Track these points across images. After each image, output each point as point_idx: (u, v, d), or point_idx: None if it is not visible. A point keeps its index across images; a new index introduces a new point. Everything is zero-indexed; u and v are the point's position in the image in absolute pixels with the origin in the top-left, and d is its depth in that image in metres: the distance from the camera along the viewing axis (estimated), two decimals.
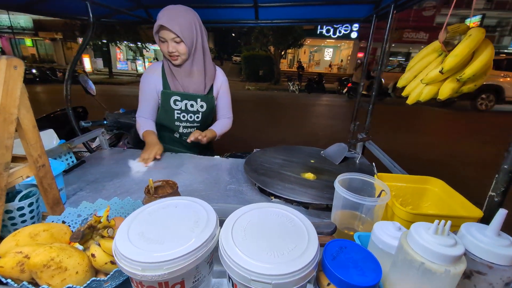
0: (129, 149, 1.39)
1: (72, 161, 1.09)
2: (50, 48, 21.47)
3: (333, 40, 20.54)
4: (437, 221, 0.38)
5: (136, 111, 1.28)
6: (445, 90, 0.71)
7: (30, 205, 0.59)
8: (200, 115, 1.30)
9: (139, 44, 16.18)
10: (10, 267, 0.42)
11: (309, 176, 1.02)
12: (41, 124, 1.87)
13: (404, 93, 0.85)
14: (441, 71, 0.69)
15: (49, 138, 1.04)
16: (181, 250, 0.39)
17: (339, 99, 10.65)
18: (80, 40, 17.33)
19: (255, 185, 0.98)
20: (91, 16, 1.25)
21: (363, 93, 1.57)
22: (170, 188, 0.74)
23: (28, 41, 21.13)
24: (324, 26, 17.04)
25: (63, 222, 0.62)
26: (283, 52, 15.77)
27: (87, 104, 2.90)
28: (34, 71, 12.43)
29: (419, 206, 0.72)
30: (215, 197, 0.91)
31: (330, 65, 22.10)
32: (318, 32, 18.08)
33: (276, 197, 0.91)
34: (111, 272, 0.47)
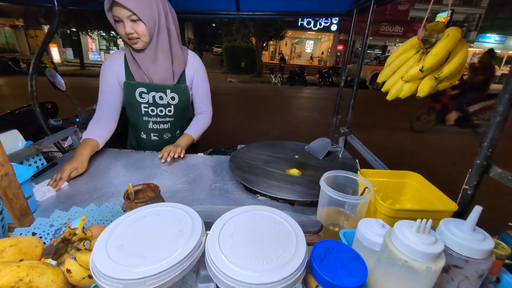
0: (105, 148, 1.31)
1: (42, 164, 1.01)
2: (12, 36, 19.70)
3: (314, 32, 20.69)
4: (419, 220, 0.39)
5: None
6: (424, 87, 0.73)
7: None
8: (172, 109, 1.15)
9: (113, 33, 15.28)
10: None
11: (294, 172, 1.03)
12: (3, 123, 1.72)
13: (383, 89, 0.87)
14: (421, 69, 0.70)
15: (13, 140, 0.95)
16: (166, 263, 0.37)
17: (320, 91, 10.82)
18: (46, 27, 16.06)
19: (241, 183, 0.97)
20: (56, 3, 1.15)
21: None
22: (151, 191, 0.70)
23: None
24: (305, 18, 17.08)
25: (33, 234, 0.57)
26: (264, 44, 15.65)
27: (57, 99, 2.71)
28: None
29: (398, 200, 0.75)
30: (200, 198, 0.89)
31: (311, 57, 22.30)
32: (299, 24, 18.12)
33: (262, 195, 0.90)
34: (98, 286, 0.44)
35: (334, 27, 17.29)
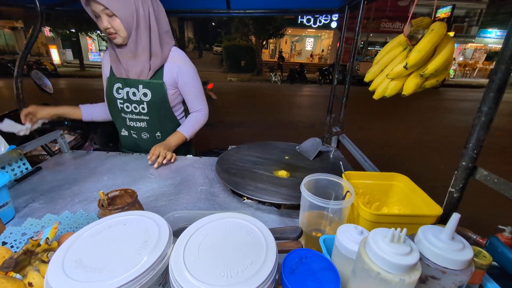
0: (95, 150, 1.30)
1: (26, 168, 0.99)
2: (11, 38, 19.76)
3: (313, 30, 20.59)
4: (393, 228, 0.37)
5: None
6: (409, 85, 0.70)
7: None
8: (145, 106, 1.11)
9: None
10: None
11: (282, 174, 1.00)
12: None
13: (371, 88, 0.84)
14: (405, 67, 0.68)
15: None
16: (123, 278, 0.35)
17: (321, 89, 10.76)
18: (46, 29, 16.07)
19: (228, 186, 0.95)
20: (38, 4, 1.13)
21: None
22: (129, 197, 0.68)
23: None
24: (305, 16, 16.98)
25: (4, 243, 0.56)
26: (264, 42, 15.59)
27: (50, 101, 2.70)
28: None
29: (386, 202, 0.73)
30: (184, 201, 0.87)
31: (311, 55, 22.19)
32: (299, 22, 18.04)
33: (248, 198, 0.88)
34: None
35: (334, 24, 17.19)
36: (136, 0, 0.93)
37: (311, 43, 23.44)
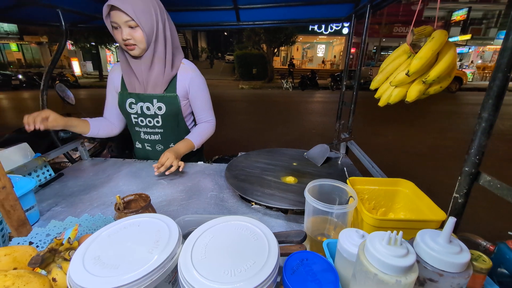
0: (112, 158, 1.37)
1: (50, 175, 1.07)
2: (37, 52, 21.11)
3: (325, 37, 20.63)
4: (389, 231, 0.39)
5: None
6: (412, 92, 0.71)
7: None
8: (160, 119, 1.13)
9: None
10: None
11: (290, 180, 1.02)
12: (20, 137, 1.83)
13: (376, 95, 0.85)
14: (407, 74, 0.69)
15: (23, 153, 1.02)
16: (135, 274, 0.38)
17: (333, 95, 10.70)
18: (68, 43, 17.04)
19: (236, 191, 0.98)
20: (63, 23, 1.23)
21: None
22: (143, 201, 0.73)
23: (13, 46, 20.73)
24: (315, 24, 17.08)
25: (30, 243, 0.61)
26: (275, 50, 15.77)
27: (71, 112, 2.86)
28: (20, 76, 12.19)
29: (392, 208, 0.73)
30: (194, 206, 0.91)
31: (323, 61, 22.18)
32: (310, 29, 18.16)
33: (256, 203, 0.91)
34: None
35: (345, 30, 17.17)
36: (157, 14, 0.96)
37: (323, 49, 23.46)
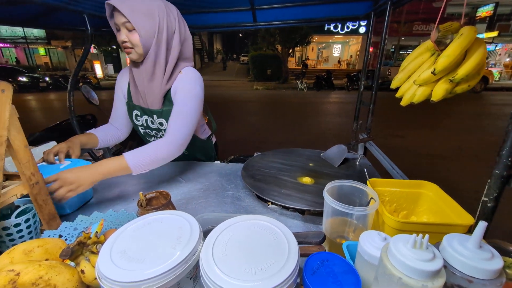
0: None
1: None
2: (62, 56, 22.27)
3: (341, 36, 20.27)
4: (415, 234, 0.37)
5: None
6: (438, 91, 0.68)
7: (26, 221, 0.61)
8: (164, 133, 1.07)
9: None
10: (2, 285, 0.44)
11: (307, 180, 1.01)
12: (49, 135, 1.95)
13: (397, 95, 0.83)
14: (433, 72, 0.66)
15: None
16: (160, 269, 0.40)
17: (349, 95, 10.49)
18: (92, 47, 17.83)
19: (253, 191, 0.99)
20: (89, 28, 1.29)
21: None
22: (163, 198, 0.75)
23: (41, 50, 22.00)
24: (332, 23, 16.83)
25: (60, 236, 0.64)
26: (290, 51, 15.69)
27: (95, 111, 2.99)
28: (47, 79, 12.89)
29: (414, 211, 0.71)
30: (212, 205, 0.92)
31: (339, 61, 21.80)
32: (326, 29, 17.91)
33: (273, 203, 0.91)
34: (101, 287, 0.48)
35: (362, 29, 16.78)
36: (162, 20, 0.88)
37: (339, 49, 23.06)
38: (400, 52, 17.93)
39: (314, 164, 1.16)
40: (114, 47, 16.21)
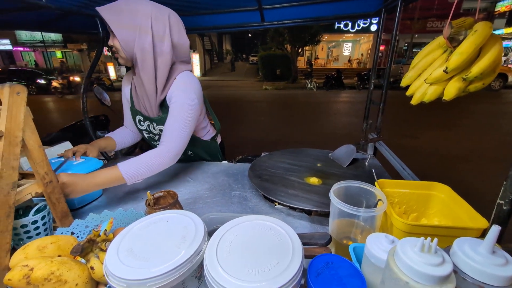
0: None
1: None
2: (78, 58, 23.01)
3: (351, 35, 19.95)
4: (423, 238, 0.36)
5: None
6: (451, 90, 0.66)
7: (43, 218, 0.64)
8: None
9: None
10: (17, 279, 0.46)
11: (314, 181, 1.00)
12: (64, 135, 2.01)
13: (408, 93, 0.81)
14: (445, 70, 0.64)
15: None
16: (165, 267, 0.40)
17: (359, 95, 10.31)
18: (105, 49, 18.33)
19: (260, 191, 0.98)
20: (101, 30, 1.33)
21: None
22: (171, 198, 0.76)
23: (58, 53, 22.80)
24: (342, 21, 16.59)
25: (72, 233, 0.66)
26: (300, 50, 15.58)
27: (108, 112, 3.07)
28: None
29: (425, 213, 0.68)
30: (218, 204, 0.93)
31: (349, 60, 21.46)
32: (336, 27, 17.66)
33: (280, 204, 0.90)
34: (109, 284, 0.49)
35: (374, 27, 16.46)
36: (145, 22, 0.84)
37: (349, 48, 22.71)
38: (414, 50, 17.47)
39: (322, 165, 1.15)
40: None
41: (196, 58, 19.12)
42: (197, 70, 19.32)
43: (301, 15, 1.73)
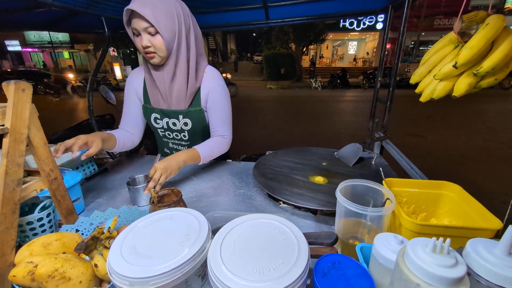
0: (147, 155, 1.45)
1: (94, 169, 1.16)
2: (85, 59, 23.33)
3: (357, 33, 19.77)
4: (435, 238, 0.35)
5: None
6: (461, 86, 0.64)
7: (48, 215, 0.64)
8: (186, 134, 1.10)
9: None
10: (22, 276, 0.46)
11: (319, 180, 0.99)
12: (71, 134, 2.03)
13: (417, 90, 0.79)
14: (455, 66, 0.62)
15: None
16: (168, 266, 0.40)
17: (364, 94, 10.22)
18: (111, 50, 18.57)
19: (264, 190, 0.98)
20: (106, 30, 1.33)
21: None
22: (175, 196, 0.76)
23: (66, 54, 23.14)
24: (347, 19, 16.46)
25: (77, 230, 0.66)
26: (304, 49, 15.50)
27: (113, 111, 3.10)
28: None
29: (434, 213, 0.67)
30: (223, 203, 0.92)
31: (354, 59, 21.28)
32: (341, 26, 17.53)
33: (284, 202, 0.89)
34: (112, 282, 0.49)
35: (379, 26, 16.26)
36: (180, 19, 0.89)
37: (354, 46, 22.51)
38: (420, 48, 17.22)
39: (327, 163, 1.13)
40: (132, 49, 16.75)
41: None
42: None
43: (306, 13, 1.71)
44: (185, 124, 1.06)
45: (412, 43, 17.73)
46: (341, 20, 16.73)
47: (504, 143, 4.17)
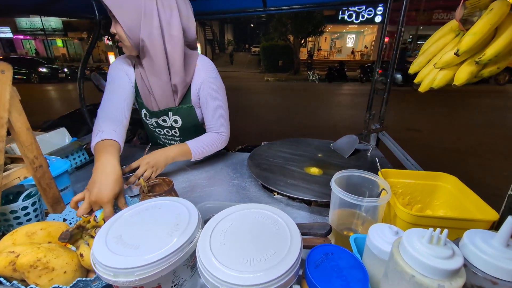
0: (141, 144, 1.42)
1: (85, 158, 1.13)
2: (79, 47, 22.76)
3: (355, 26, 19.54)
4: (432, 229, 0.34)
5: None
6: (462, 74, 0.62)
7: (33, 204, 0.62)
8: (177, 130, 1.05)
9: None
10: (3, 266, 0.44)
11: (314, 171, 0.98)
12: (63, 122, 1.99)
13: (416, 80, 0.77)
14: (456, 53, 0.60)
15: (61, 137, 1.09)
16: (155, 256, 0.38)
17: (362, 87, 10.18)
18: (105, 38, 18.13)
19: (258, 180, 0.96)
20: (97, 14, 1.28)
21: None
22: (166, 185, 0.74)
23: (59, 42, 22.54)
24: (346, 11, 16.23)
25: (64, 220, 0.64)
26: (302, 41, 15.30)
27: None
28: (66, 70, 13.25)
29: (430, 205, 0.66)
30: (216, 193, 0.90)
31: (352, 52, 21.12)
32: (340, 18, 17.30)
33: (279, 193, 0.88)
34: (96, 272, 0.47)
35: (378, 18, 16.09)
36: (149, 3, 0.76)
37: (353, 39, 22.30)
38: (418, 42, 17.13)
39: (323, 155, 1.12)
40: None
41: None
42: None
43: (305, 0, 1.67)
44: (175, 121, 1.01)
45: (410, 37, 17.62)
46: (340, 12, 16.50)
47: (499, 138, 4.21)
